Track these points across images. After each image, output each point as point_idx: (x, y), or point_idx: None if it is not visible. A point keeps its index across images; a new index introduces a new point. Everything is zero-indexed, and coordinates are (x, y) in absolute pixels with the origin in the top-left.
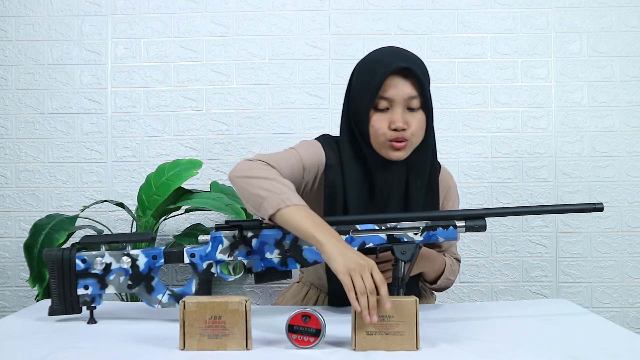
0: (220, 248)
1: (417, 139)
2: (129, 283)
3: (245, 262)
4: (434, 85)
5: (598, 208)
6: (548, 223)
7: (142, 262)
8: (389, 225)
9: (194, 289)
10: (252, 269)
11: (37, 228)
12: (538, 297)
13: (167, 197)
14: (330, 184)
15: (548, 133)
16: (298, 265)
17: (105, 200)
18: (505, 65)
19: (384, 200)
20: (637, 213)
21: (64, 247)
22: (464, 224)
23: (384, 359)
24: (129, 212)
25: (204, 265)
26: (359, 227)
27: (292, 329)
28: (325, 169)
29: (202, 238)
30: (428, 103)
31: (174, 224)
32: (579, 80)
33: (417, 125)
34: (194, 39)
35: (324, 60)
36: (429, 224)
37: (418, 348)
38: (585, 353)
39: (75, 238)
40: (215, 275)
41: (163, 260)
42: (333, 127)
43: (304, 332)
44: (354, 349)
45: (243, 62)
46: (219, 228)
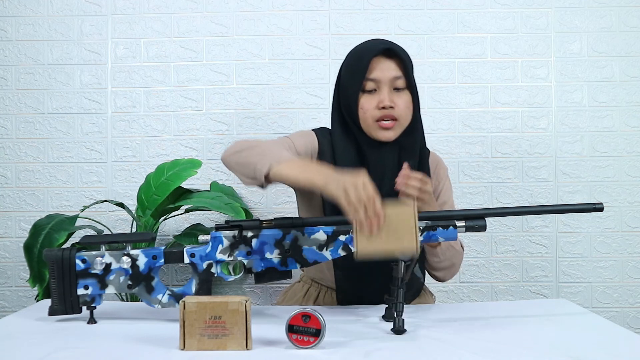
0: (220, 248)
1: (405, 119)
2: (129, 283)
3: (245, 262)
4: (434, 85)
5: (598, 208)
6: (548, 223)
7: (142, 262)
8: None
9: (194, 289)
10: (252, 269)
11: (37, 228)
12: (538, 297)
13: (166, 197)
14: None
15: (548, 133)
16: (298, 265)
17: (105, 200)
18: (505, 65)
19: (378, 181)
20: (637, 213)
21: (64, 247)
22: (464, 224)
23: (384, 357)
24: (129, 212)
25: (204, 265)
26: None
27: (292, 329)
28: (319, 155)
29: (202, 238)
30: (412, 84)
31: (174, 224)
32: (579, 80)
33: (403, 105)
34: (194, 39)
35: (324, 60)
36: (429, 224)
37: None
38: (585, 353)
39: (75, 238)
40: (215, 275)
41: (163, 260)
42: None
43: (304, 332)
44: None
45: (243, 62)
46: (219, 228)
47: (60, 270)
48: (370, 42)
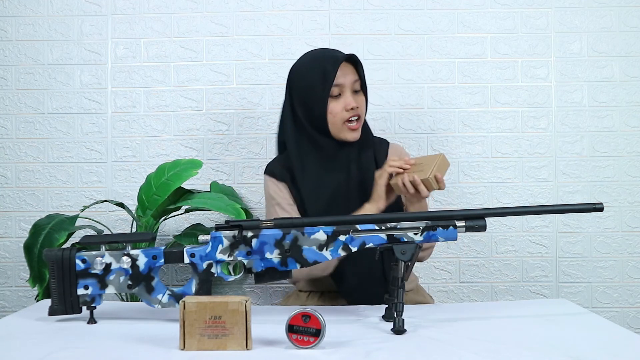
0: (220, 248)
1: (363, 117)
2: (129, 283)
3: (245, 262)
4: (434, 85)
5: (598, 208)
6: (548, 223)
7: (142, 262)
8: (389, 225)
9: (194, 289)
10: (252, 269)
11: (37, 228)
12: (538, 297)
13: (167, 197)
14: (297, 184)
15: (548, 133)
16: (298, 265)
17: (105, 200)
18: (505, 65)
19: (346, 176)
20: (637, 213)
21: (64, 247)
22: (464, 224)
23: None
24: (129, 212)
25: (204, 265)
26: (359, 227)
27: (292, 329)
28: (294, 188)
29: (202, 238)
30: (365, 85)
31: (174, 224)
32: (579, 80)
33: (362, 105)
34: (194, 39)
35: None
36: (429, 224)
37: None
38: (585, 353)
39: (75, 238)
40: (215, 275)
41: (163, 260)
42: None
43: (304, 332)
44: None
45: (243, 62)
46: (219, 228)
47: (60, 270)
48: (321, 53)
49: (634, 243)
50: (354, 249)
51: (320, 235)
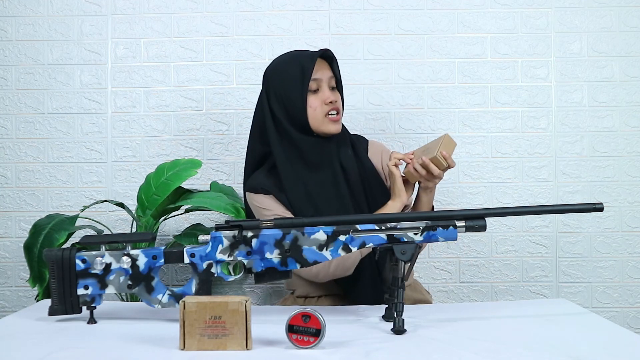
0: (220, 248)
1: (341, 112)
2: (129, 283)
3: (245, 262)
4: (434, 85)
5: (598, 208)
6: (548, 223)
7: (142, 262)
8: (389, 225)
9: (194, 289)
10: (252, 269)
11: (37, 228)
12: (538, 297)
13: (166, 197)
14: (285, 191)
15: (548, 133)
16: (298, 265)
17: (105, 200)
18: (505, 65)
19: (331, 171)
20: (637, 213)
21: (64, 247)
22: (464, 224)
23: (384, 357)
24: (129, 212)
25: (204, 265)
26: (359, 227)
27: (292, 329)
28: (277, 194)
29: (202, 238)
30: (341, 83)
31: (174, 224)
32: (579, 80)
33: (339, 100)
34: (194, 39)
35: None
36: (429, 224)
37: None
38: (585, 353)
39: (75, 238)
40: (215, 275)
41: (163, 260)
42: None
43: (304, 332)
44: None
45: (243, 62)
46: (219, 228)
47: (60, 270)
48: (296, 53)
49: (634, 243)
50: (354, 249)
51: (320, 235)
